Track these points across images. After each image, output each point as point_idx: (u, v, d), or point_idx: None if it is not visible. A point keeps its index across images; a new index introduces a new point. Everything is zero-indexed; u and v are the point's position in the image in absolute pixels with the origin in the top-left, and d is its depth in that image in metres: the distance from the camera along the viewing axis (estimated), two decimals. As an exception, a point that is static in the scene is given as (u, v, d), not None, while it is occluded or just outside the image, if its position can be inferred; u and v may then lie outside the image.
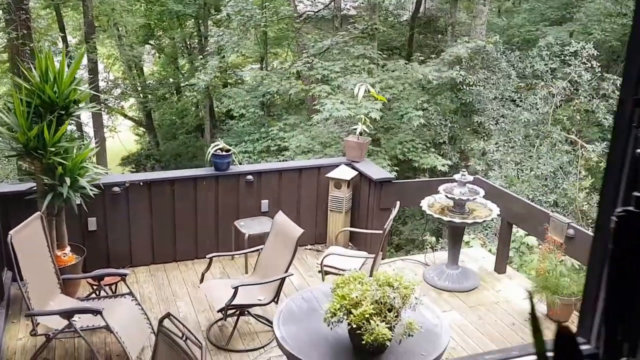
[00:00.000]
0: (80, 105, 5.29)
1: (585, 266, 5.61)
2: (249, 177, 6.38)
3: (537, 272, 5.71)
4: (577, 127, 11.99)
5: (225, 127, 16.05)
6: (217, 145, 6.30)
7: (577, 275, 5.37)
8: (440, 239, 9.33)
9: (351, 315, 3.56)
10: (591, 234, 5.22)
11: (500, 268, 6.24)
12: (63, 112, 4.97)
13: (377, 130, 11.40)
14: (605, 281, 1.27)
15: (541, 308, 5.46)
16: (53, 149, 4.88)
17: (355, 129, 6.70)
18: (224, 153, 6.25)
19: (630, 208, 1.13)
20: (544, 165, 10.15)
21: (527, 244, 7.19)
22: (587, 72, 11.24)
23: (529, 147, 10.83)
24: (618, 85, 11.57)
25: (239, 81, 17.95)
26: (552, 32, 13.14)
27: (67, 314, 4.35)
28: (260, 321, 5.19)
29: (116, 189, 5.90)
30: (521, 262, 7.06)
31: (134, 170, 19.81)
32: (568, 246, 5.18)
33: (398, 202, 5.38)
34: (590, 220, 9.80)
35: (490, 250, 7.19)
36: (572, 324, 5.30)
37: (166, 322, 3.56)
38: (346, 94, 10.13)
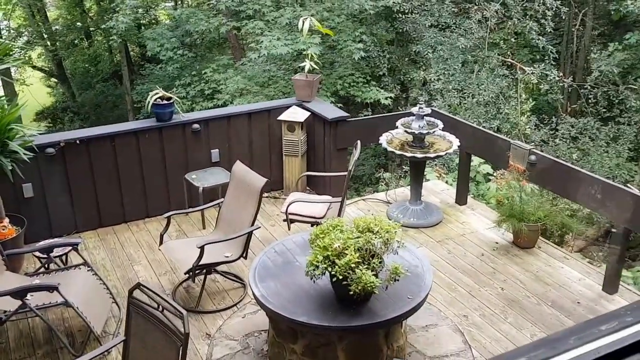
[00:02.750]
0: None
1: (548, 190, 5.63)
2: (195, 125, 5.94)
3: (497, 201, 5.69)
4: (511, 50, 12.02)
5: (145, 72, 15.10)
6: (157, 93, 5.80)
7: (538, 201, 5.38)
8: (392, 173, 9.23)
9: (335, 267, 3.36)
10: (552, 157, 5.19)
11: (461, 200, 6.20)
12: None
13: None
14: None
15: (507, 237, 5.48)
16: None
17: (303, 66, 6.33)
18: (164, 102, 5.77)
19: None
20: (485, 91, 10.14)
21: (482, 173, 7.19)
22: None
23: (468, 73, 10.78)
24: (548, 5, 11.62)
25: (153, 21, 16.82)
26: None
27: (20, 294, 3.93)
28: (228, 278, 4.94)
29: (50, 149, 5.36)
30: (478, 191, 7.07)
31: (51, 125, 18.54)
32: (530, 173, 5.14)
33: (359, 142, 5.14)
34: (533, 143, 9.94)
35: (447, 182, 7.14)
36: (539, 248, 5.36)
37: (138, 294, 3.24)
38: (282, 30, 9.62)
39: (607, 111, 10.10)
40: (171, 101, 5.82)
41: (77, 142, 5.50)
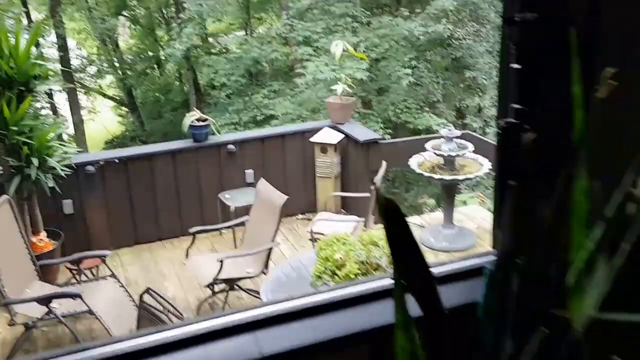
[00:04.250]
0: (43, 81, 4.97)
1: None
2: (230, 146, 6.09)
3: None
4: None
5: (212, 100, 15.60)
6: (194, 115, 6.00)
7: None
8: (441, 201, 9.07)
9: (336, 277, 3.37)
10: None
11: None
12: (23, 89, 4.66)
13: (367, 92, 11.05)
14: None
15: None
16: (16, 128, 4.59)
17: (336, 89, 6.39)
18: (201, 123, 5.96)
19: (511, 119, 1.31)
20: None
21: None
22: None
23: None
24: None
25: (224, 50, 17.35)
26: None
27: (45, 300, 4.13)
28: (252, 295, 4.98)
29: (90, 168, 5.62)
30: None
31: (118, 154, 19.24)
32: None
33: (384, 162, 5.13)
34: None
35: (489, 209, 6.95)
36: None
37: (148, 298, 3.35)
38: (330, 56, 9.76)
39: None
40: (206, 122, 6.00)
41: (116, 161, 5.75)
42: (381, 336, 1.24)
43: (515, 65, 1.37)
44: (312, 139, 6.19)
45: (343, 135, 6.25)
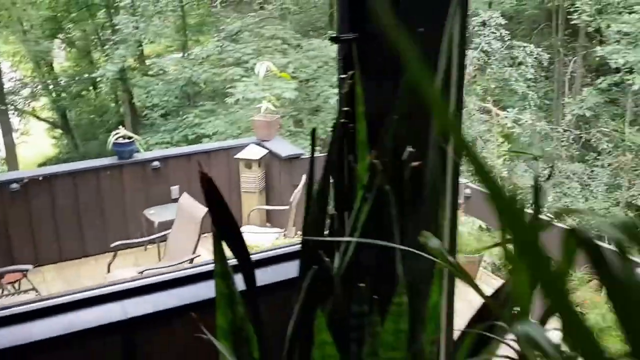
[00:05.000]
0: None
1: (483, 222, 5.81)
2: (155, 163, 6.23)
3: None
4: (495, 96, 12.32)
5: (148, 121, 15.60)
6: (118, 133, 6.12)
7: (481, 234, 5.55)
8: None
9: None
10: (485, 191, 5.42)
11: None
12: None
13: (298, 112, 11.35)
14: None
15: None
16: None
17: (260, 107, 6.65)
18: (125, 141, 6.08)
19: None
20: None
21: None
22: (497, 40, 11.58)
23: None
24: (528, 52, 12.02)
25: (160, 71, 17.41)
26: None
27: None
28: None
29: (14, 185, 5.65)
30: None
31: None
32: (467, 205, 5.33)
33: (304, 176, 5.38)
34: (511, 186, 10.12)
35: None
36: (479, 280, 5.46)
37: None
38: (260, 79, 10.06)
39: (581, 153, 10.28)
40: (131, 140, 6.13)
41: (40, 178, 5.80)
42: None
43: (342, 76, 1.63)
44: (236, 156, 6.40)
45: (267, 151, 6.49)
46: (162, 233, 5.25)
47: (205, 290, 1.58)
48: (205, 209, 4.89)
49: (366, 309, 1.16)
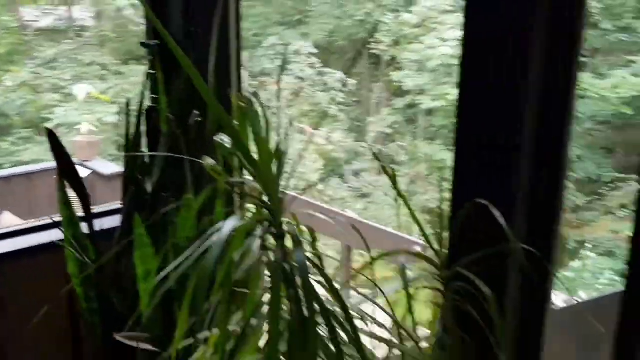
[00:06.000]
0: None
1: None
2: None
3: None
4: (310, 118, 13.40)
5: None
6: None
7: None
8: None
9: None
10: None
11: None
12: None
13: (121, 136, 11.40)
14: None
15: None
16: None
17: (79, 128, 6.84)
18: None
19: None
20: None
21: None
22: (310, 68, 12.70)
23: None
24: (338, 78, 13.32)
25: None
26: (286, 34, 14.40)
27: None
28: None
29: None
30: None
31: None
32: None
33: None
34: (327, 198, 11.13)
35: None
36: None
37: None
38: (80, 101, 10.04)
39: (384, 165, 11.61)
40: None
41: None
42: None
43: (150, 71, 2.14)
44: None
45: (90, 171, 6.66)
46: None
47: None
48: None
49: (169, 211, 1.70)
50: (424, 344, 1.36)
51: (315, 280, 1.13)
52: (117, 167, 6.78)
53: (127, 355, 1.80)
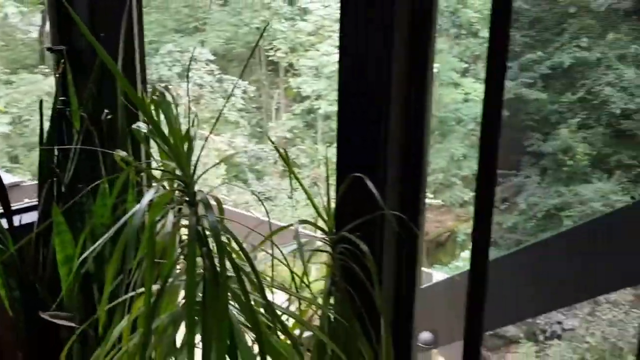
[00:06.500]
0: None
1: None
2: None
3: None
4: (210, 124, 13.46)
5: None
6: None
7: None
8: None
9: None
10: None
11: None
12: None
13: (13, 147, 10.99)
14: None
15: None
16: None
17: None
18: None
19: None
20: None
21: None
22: (209, 74, 12.78)
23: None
24: (237, 85, 13.47)
25: None
26: (182, 41, 14.33)
27: None
28: None
29: None
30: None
31: None
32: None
33: (26, 199, 5.60)
34: (243, 203, 11.26)
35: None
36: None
37: None
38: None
39: (285, 170, 11.96)
40: None
41: None
42: None
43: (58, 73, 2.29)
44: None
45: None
46: None
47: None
48: None
49: (85, 200, 1.87)
50: (317, 296, 1.64)
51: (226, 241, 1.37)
52: (12, 178, 6.60)
53: (52, 337, 1.95)
